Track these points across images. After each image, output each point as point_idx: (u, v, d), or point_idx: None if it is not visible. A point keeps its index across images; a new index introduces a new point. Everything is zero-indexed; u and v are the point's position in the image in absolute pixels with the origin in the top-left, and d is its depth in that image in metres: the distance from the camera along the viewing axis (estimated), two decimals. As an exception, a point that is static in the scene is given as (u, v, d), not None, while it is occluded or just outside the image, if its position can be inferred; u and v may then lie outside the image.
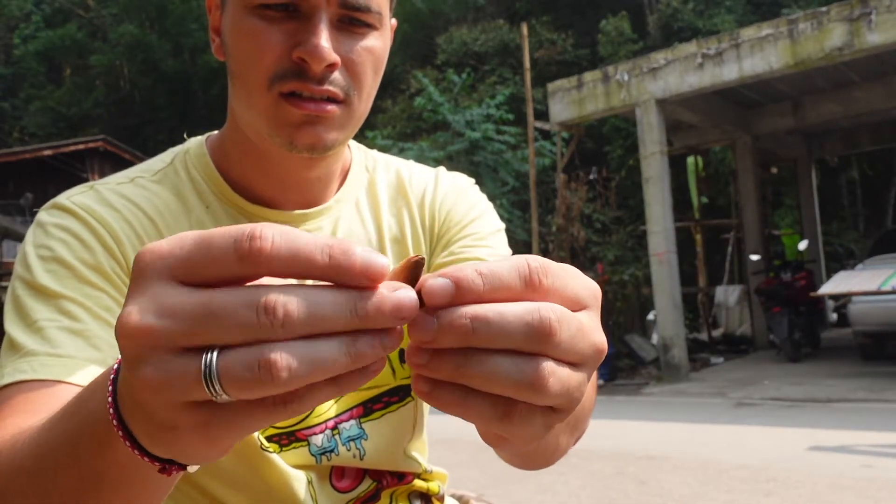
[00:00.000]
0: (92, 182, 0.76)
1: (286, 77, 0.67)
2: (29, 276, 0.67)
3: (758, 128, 10.54)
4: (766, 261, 9.97)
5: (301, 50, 0.66)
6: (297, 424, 0.74)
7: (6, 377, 0.62)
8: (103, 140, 22.04)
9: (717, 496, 3.54)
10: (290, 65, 0.66)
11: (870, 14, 6.98)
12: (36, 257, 0.68)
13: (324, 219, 0.80)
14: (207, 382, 0.32)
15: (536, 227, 9.18)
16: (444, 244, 0.84)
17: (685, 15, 16.72)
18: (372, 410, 0.78)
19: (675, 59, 8.18)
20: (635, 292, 10.28)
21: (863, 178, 16.19)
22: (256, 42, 0.67)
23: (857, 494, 3.43)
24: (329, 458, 0.75)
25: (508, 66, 16.74)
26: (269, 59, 0.67)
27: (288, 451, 0.75)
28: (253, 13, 0.67)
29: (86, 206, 0.72)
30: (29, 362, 0.62)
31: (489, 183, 12.09)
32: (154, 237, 0.71)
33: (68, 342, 0.63)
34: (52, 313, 0.65)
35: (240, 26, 0.68)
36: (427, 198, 0.86)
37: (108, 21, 27.23)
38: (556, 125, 9.29)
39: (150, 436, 0.37)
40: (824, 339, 10.06)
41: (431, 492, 0.86)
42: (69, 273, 0.67)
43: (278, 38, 0.66)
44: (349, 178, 0.84)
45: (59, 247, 0.68)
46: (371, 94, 0.74)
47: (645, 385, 7.95)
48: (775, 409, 5.97)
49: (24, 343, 0.63)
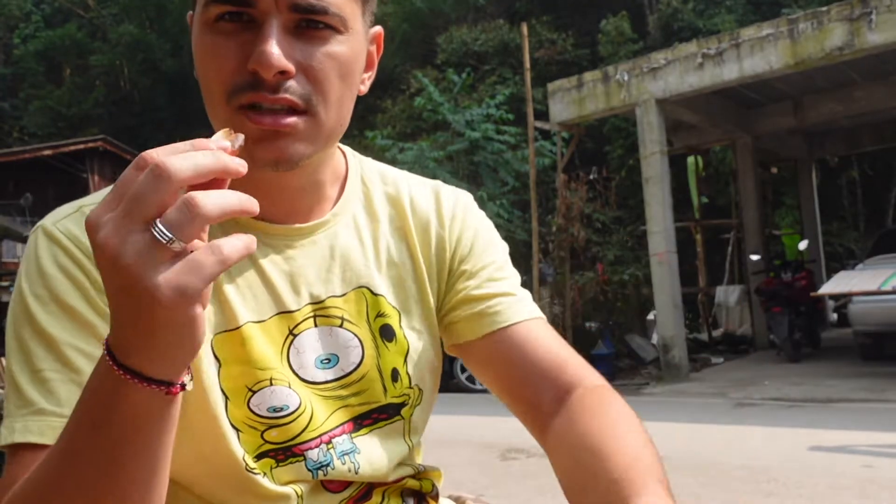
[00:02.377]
0: (81, 201, 0.74)
1: (242, 89, 0.65)
2: (29, 318, 0.67)
3: (758, 128, 10.53)
4: (766, 261, 9.96)
5: (251, 60, 0.64)
6: (293, 440, 0.74)
7: (17, 434, 0.64)
8: (103, 140, 22.02)
9: (718, 496, 3.53)
10: (246, 77, 0.65)
11: (870, 14, 6.97)
12: (32, 296, 0.68)
13: (321, 234, 0.78)
14: (161, 235, 0.46)
15: (536, 227, 9.17)
16: (459, 274, 0.84)
17: (685, 15, 16.71)
18: (361, 426, 0.78)
19: (676, 59, 8.17)
20: (635, 292, 10.28)
21: (863, 177, 16.18)
22: (213, 57, 0.67)
23: (857, 495, 3.41)
24: (325, 473, 0.75)
25: (508, 65, 16.73)
26: (225, 72, 0.66)
27: (284, 467, 0.74)
28: (211, 28, 0.67)
29: (73, 237, 0.69)
30: (38, 424, 0.64)
31: (489, 183, 12.08)
32: None
33: (72, 398, 0.62)
34: (55, 363, 0.66)
35: (199, 43, 0.68)
36: (432, 223, 0.85)
37: (108, 21, 27.22)
38: (556, 125, 9.29)
39: (142, 337, 0.49)
40: (824, 340, 10.05)
41: (424, 489, 0.85)
42: (66, 316, 0.67)
43: (233, 50, 0.65)
44: (346, 190, 0.82)
45: (54, 286, 0.68)
46: (343, 102, 0.71)
47: (645, 385, 7.94)
48: (775, 409, 5.96)
49: (31, 397, 0.65)
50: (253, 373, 0.72)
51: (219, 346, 0.72)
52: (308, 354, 0.75)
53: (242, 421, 0.72)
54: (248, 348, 0.72)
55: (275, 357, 0.73)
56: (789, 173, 13.53)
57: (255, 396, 0.72)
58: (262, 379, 0.72)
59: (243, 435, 0.72)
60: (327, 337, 0.76)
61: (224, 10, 0.65)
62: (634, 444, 0.69)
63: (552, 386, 0.77)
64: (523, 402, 0.79)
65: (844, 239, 15.17)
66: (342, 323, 0.77)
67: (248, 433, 0.72)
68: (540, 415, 0.77)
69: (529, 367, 0.78)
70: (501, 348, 0.80)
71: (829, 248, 13.81)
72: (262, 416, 0.72)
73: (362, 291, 0.79)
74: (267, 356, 0.73)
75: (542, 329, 0.81)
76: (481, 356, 0.82)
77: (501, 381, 0.81)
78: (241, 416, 0.72)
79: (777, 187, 13.89)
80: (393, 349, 0.79)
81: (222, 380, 0.71)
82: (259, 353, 0.72)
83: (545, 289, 9.00)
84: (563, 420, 0.74)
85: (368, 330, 0.78)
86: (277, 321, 0.74)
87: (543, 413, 0.77)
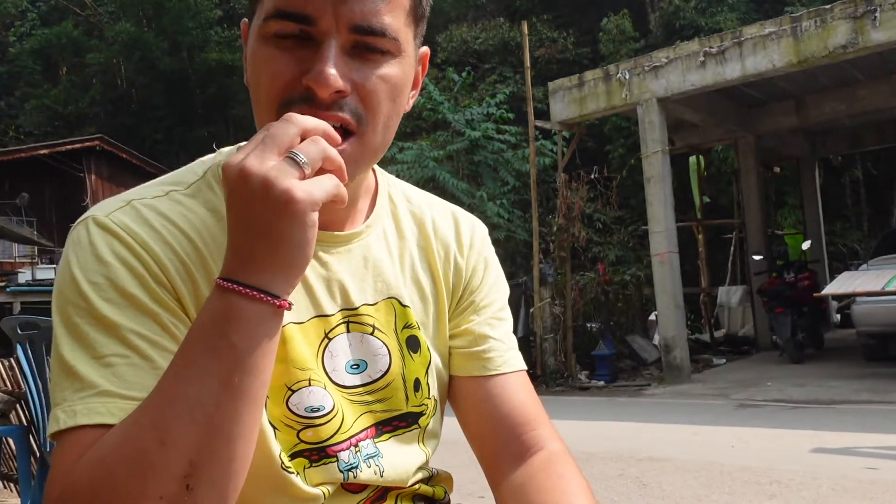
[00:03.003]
0: (127, 196, 0.75)
1: (295, 103, 0.67)
2: (86, 305, 0.67)
3: (760, 127, 10.50)
4: (768, 261, 9.92)
5: (308, 77, 0.66)
6: (326, 441, 0.76)
7: (80, 416, 0.63)
8: (100, 139, 22.02)
9: (720, 498, 3.49)
10: (300, 91, 0.67)
11: (874, 11, 6.92)
12: (88, 284, 0.67)
13: (355, 244, 0.82)
14: (295, 156, 0.58)
15: (537, 227, 9.13)
16: (468, 304, 0.89)
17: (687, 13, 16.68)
18: (382, 432, 0.81)
19: (677, 58, 8.13)
20: (637, 293, 10.25)
21: (867, 177, 16.15)
22: (268, 69, 0.69)
23: (860, 496, 3.38)
24: (355, 476, 0.77)
25: (509, 64, 16.71)
26: (279, 85, 0.68)
27: (317, 467, 0.76)
28: (269, 42, 0.69)
29: (128, 229, 0.70)
30: (105, 405, 0.63)
31: (489, 182, 12.04)
32: (193, 257, 0.72)
33: (138, 381, 0.64)
34: (118, 347, 0.65)
35: (256, 55, 0.70)
36: (451, 247, 0.90)
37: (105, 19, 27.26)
38: (556, 124, 9.26)
39: (269, 248, 0.58)
40: (828, 340, 10.02)
41: (437, 496, 0.87)
42: (127, 303, 0.67)
43: (289, 65, 0.68)
44: (377, 205, 0.86)
45: (112, 274, 0.68)
46: (389, 124, 0.73)
47: (646, 386, 7.90)
48: (778, 410, 5.92)
49: (94, 380, 0.64)
50: (293, 372, 0.74)
51: None
52: (340, 358, 0.78)
53: (279, 419, 0.74)
54: (288, 348, 0.74)
55: (311, 359, 0.76)
56: (792, 173, 13.49)
57: (294, 396, 0.74)
58: (301, 379, 0.75)
59: (280, 433, 0.74)
60: (358, 343, 0.80)
61: (284, 27, 0.68)
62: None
63: (516, 442, 0.83)
64: (487, 449, 0.85)
65: (848, 239, 15.13)
66: (373, 331, 0.81)
67: (284, 431, 0.74)
68: (499, 466, 0.84)
69: (501, 419, 0.84)
70: (481, 394, 0.86)
71: (832, 249, 13.77)
72: (299, 415, 0.74)
73: (391, 302, 0.83)
74: (305, 357, 0.75)
75: (521, 383, 0.87)
76: (461, 393, 0.87)
77: (472, 424, 0.87)
78: (279, 414, 0.74)
79: (780, 187, 13.86)
80: (417, 360, 0.83)
81: None
82: (299, 353, 0.75)
83: (546, 289, 8.96)
84: (517, 480, 0.81)
85: (396, 340, 0.82)
86: (315, 324, 0.77)
87: (502, 466, 0.83)
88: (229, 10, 26.65)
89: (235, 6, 26.66)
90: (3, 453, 3.83)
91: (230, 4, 26.63)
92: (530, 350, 9.06)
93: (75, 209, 22.19)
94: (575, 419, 6.14)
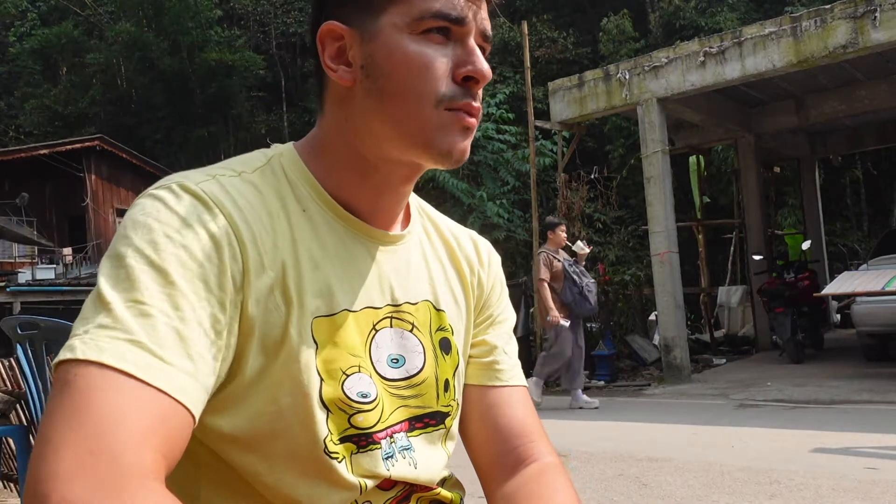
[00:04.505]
0: (208, 170, 0.76)
1: (455, 97, 0.75)
2: (150, 252, 0.64)
3: (760, 127, 10.49)
4: (768, 261, 9.92)
5: (471, 70, 0.75)
6: (372, 427, 0.78)
7: (107, 353, 0.58)
8: (100, 139, 22.01)
9: (720, 498, 3.48)
10: (453, 85, 0.75)
11: (874, 11, 6.92)
12: (163, 235, 0.66)
13: (401, 245, 0.86)
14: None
15: (537, 227, 9.12)
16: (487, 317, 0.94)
17: (687, 13, 16.68)
18: (414, 427, 0.83)
19: (677, 58, 8.13)
20: (637, 293, 10.23)
21: (867, 177, 16.14)
22: (426, 64, 0.74)
23: (860, 497, 3.37)
24: (393, 465, 0.79)
25: (509, 64, 16.71)
26: (437, 79, 0.74)
27: (364, 453, 0.77)
28: (417, 39, 0.74)
29: (217, 200, 0.70)
30: (134, 354, 0.59)
31: (489, 182, 12.03)
32: (265, 238, 0.73)
33: (172, 345, 0.61)
34: (164, 303, 0.62)
35: (404, 51, 0.74)
36: (474, 262, 0.95)
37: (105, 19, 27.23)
38: (556, 124, 9.25)
39: None
40: (828, 340, 10.01)
41: (454, 502, 0.89)
42: (195, 265, 0.66)
43: (443, 61, 0.74)
44: (412, 215, 0.91)
45: (190, 236, 0.67)
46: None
47: (646, 386, 7.90)
48: (778, 410, 5.92)
49: (129, 324, 0.60)
50: (347, 357, 0.77)
51: (318, 329, 0.75)
52: (383, 350, 0.81)
53: (334, 402, 0.75)
54: (343, 333, 0.77)
55: (361, 346, 0.78)
56: (792, 173, 13.50)
57: (348, 380, 0.76)
58: (353, 364, 0.77)
59: (332, 416, 0.75)
60: (399, 338, 0.83)
61: (438, 25, 0.74)
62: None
63: (513, 452, 0.88)
64: (484, 457, 0.90)
65: (848, 239, 15.11)
66: (412, 329, 0.84)
67: (337, 415, 0.75)
68: (494, 474, 0.88)
69: (501, 429, 0.89)
70: (486, 402, 0.90)
71: (832, 248, 13.76)
72: (353, 399, 0.76)
73: (428, 304, 0.87)
74: (357, 344, 0.78)
75: (524, 398, 0.92)
76: (467, 399, 0.91)
77: (473, 430, 0.91)
78: (334, 397, 0.75)
79: (780, 187, 13.85)
80: (448, 361, 0.87)
81: (319, 361, 0.74)
82: (352, 339, 0.77)
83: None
84: (510, 488, 0.85)
85: (430, 340, 0.86)
86: (366, 314, 0.80)
87: (497, 474, 0.88)
88: (229, 10, 26.63)
89: (235, 6, 26.64)
90: (3, 453, 3.82)
91: (230, 4, 26.60)
92: (530, 350, 9.06)
93: (75, 209, 22.20)
94: (575, 419, 6.14)
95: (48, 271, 18.67)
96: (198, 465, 0.73)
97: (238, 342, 0.69)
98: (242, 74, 24.66)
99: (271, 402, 0.71)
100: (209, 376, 0.64)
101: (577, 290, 6.45)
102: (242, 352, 0.70)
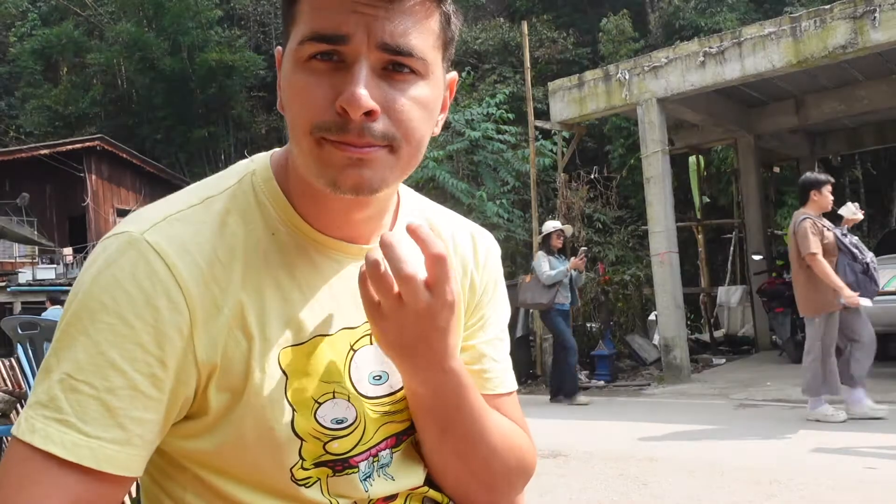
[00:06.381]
0: (169, 204, 0.76)
1: (329, 129, 0.68)
2: (87, 322, 0.68)
3: (760, 127, 10.49)
4: (768, 261, 9.92)
5: (340, 99, 0.67)
6: (349, 452, 0.78)
7: (38, 434, 0.65)
8: (100, 139, 22.03)
9: (720, 498, 3.49)
10: (332, 116, 0.68)
11: (874, 12, 6.92)
12: (99, 303, 0.68)
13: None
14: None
15: (537, 227, 9.11)
16: (478, 318, 0.91)
17: (687, 13, 16.68)
18: (401, 441, 0.83)
19: (677, 58, 8.13)
20: (637, 293, 10.23)
21: (866, 177, 16.13)
22: (303, 94, 0.70)
23: (860, 497, 3.38)
24: (371, 485, 0.79)
25: (509, 64, 16.70)
26: (315, 109, 0.69)
27: (340, 477, 0.77)
28: (303, 67, 0.70)
29: (162, 251, 0.70)
30: (62, 435, 0.65)
31: (489, 182, 12.03)
32: (219, 276, 0.72)
33: (99, 419, 0.66)
34: (93, 376, 0.66)
35: (290, 80, 0.71)
36: (469, 263, 0.92)
37: (105, 19, 27.21)
38: (556, 124, 9.25)
39: None
40: (827, 340, 9.98)
41: (445, 500, 0.89)
42: (127, 331, 0.68)
43: (323, 89, 0.69)
44: (399, 220, 0.87)
45: (124, 301, 0.68)
46: (421, 143, 0.75)
47: (646, 386, 7.90)
48: (778, 410, 5.92)
49: (59, 402, 0.66)
50: (319, 385, 0.76)
51: (285, 359, 0.74)
52: (364, 370, 0.80)
53: (308, 432, 0.75)
54: (315, 361, 0.76)
55: (338, 371, 0.78)
56: (791, 172, 13.47)
57: (321, 408, 0.76)
58: (326, 391, 0.76)
59: (306, 444, 0.75)
60: (380, 355, 0.79)
61: (318, 50, 0.69)
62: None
63: None
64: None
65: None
66: None
67: (311, 443, 0.75)
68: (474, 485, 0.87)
69: None
70: None
71: (831, 249, 13.72)
72: (327, 427, 0.76)
73: None
74: (332, 369, 0.77)
75: (512, 403, 0.91)
76: None
77: None
78: (307, 427, 0.75)
79: (779, 187, 13.83)
80: None
81: (290, 392, 0.74)
82: (325, 365, 0.77)
83: (545, 289, 8.93)
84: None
85: None
86: (342, 335, 0.79)
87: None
88: (229, 10, 26.62)
89: (235, 6, 26.63)
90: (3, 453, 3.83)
91: (230, 4, 26.59)
92: (530, 350, 9.06)
93: (75, 209, 22.22)
94: (575, 419, 6.15)
95: (49, 271, 18.69)
96: (185, 474, 0.76)
97: (197, 384, 0.71)
98: (243, 74, 24.63)
99: (236, 435, 0.72)
100: (151, 432, 0.69)
101: (859, 267, 5.28)
102: (203, 393, 0.71)
